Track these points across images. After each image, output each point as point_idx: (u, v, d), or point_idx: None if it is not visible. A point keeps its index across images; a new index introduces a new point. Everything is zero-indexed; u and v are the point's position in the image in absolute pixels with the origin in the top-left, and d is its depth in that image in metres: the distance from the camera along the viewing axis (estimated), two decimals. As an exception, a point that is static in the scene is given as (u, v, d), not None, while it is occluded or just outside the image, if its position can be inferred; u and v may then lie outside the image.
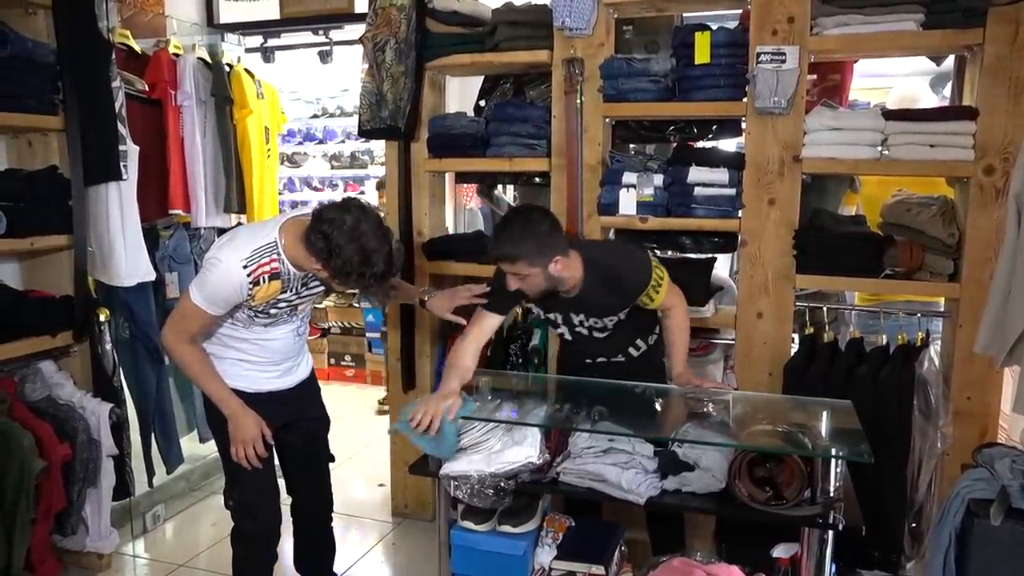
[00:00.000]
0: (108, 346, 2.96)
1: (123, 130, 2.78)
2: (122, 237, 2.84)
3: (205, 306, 2.06)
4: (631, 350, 2.44)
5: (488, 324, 2.33)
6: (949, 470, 2.53)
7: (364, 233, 1.94)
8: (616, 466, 2.02)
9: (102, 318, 2.91)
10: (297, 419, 2.35)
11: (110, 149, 2.74)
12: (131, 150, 2.83)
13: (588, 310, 2.34)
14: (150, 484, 3.30)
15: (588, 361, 2.47)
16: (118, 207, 2.81)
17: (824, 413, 2.16)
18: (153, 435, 3.30)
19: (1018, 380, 1.78)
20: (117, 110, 2.75)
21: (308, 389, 2.40)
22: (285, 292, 2.11)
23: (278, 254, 2.05)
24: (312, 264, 2.02)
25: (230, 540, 2.34)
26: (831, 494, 1.84)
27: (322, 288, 2.21)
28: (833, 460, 1.84)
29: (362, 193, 6.63)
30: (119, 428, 2.81)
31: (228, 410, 2.16)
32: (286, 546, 2.50)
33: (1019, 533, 1.85)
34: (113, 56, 2.76)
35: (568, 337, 2.44)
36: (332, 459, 2.51)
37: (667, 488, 2.01)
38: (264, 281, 2.04)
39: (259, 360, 2.23)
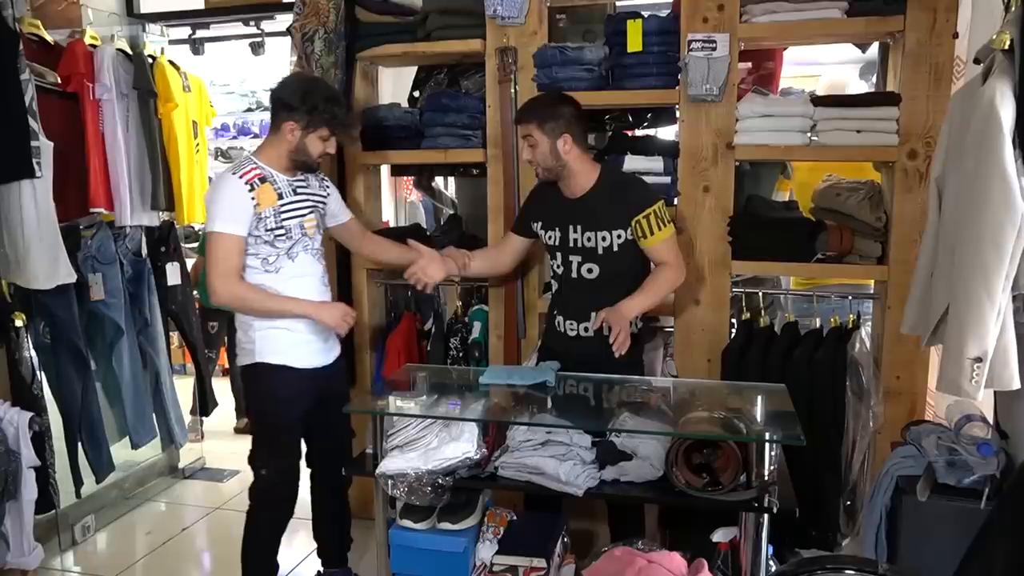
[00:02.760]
0: (27, 352, 2.82)
1: (35, 125, 2.63)
2: (38, 238, 2.69)
3: (226, 228, 2.21)
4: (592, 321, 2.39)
5: (509, 242, 2.63)
6: (881, 448, 2.59)
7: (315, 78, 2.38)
8: (554, 458, 2.01)
9: (19, 323, 2.77)
10: (328, 395, 2.45)
11: (21, 145, 2.58)
12: (44, 146, 2.68)
13: (588, 220, 2.35)
14: (78, 494, 3.15)
15: (561, 331, 2.44)
16: (32, 206, 2.66)
17: (759, 398, 2.19)
18: (80, 443, 3.15)
19: (941, 358, 1.82)
20: (27, 104, 2.60)
21: (339, 368, 2.55)
22: (282, 198, 2.28)
23: (255, 163, 2.30)
24: (286, 136, 2.26)
25: (254, 503, 2.44)
26: (766, 478, 1.86)
27: (315, 195, 2.39)
28: (767, 444, 1.86)
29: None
30: (40, 438, 2.68)
31: (308, 312, 2.31)
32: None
33: (944, 508, 1.90)
34: (21, 47, 2.60)
35: (558, 270, 2.44)
36: (353, 434, 2.62)
37: (605, 479, 2.01)
38: (257, 184, 2.24)
39: (300, 328, 2.34)
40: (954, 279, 1.76)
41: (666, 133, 3.38)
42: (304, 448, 2.55)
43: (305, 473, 2.56)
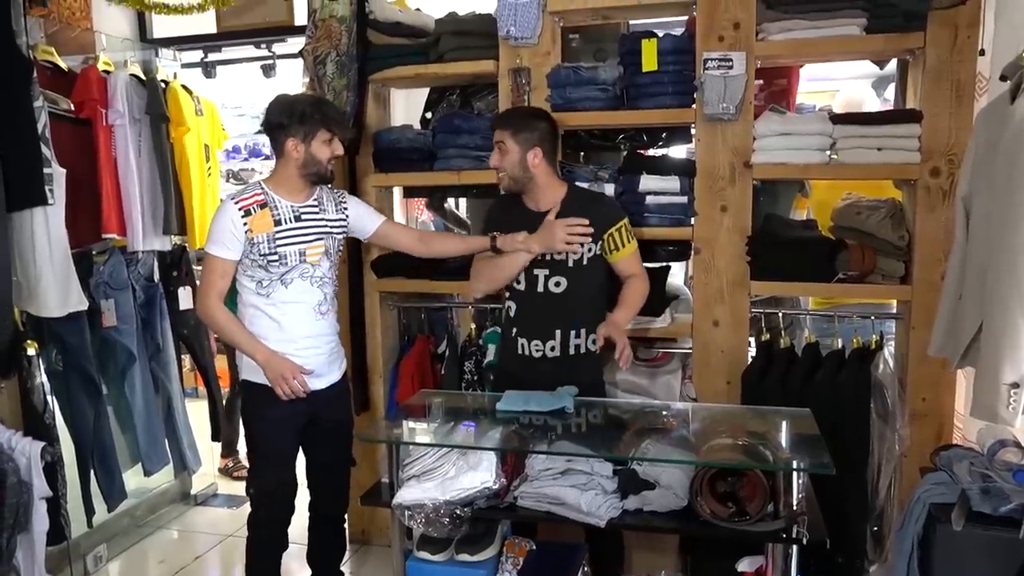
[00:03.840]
0: (39, 381, 2.79)
1: (47, 152, 2.63)
2: (50, 265, 2.68)
3: (216, 251, 2.28)
4: (572, 338, 2.36)
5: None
6: (908, 472, 2.53)
7: (293, 94, 2.41)
8: (575, 488, 1.96)
9: (31, 352, 2.74)
10: (323, 419, 2.44)
11: (33, 173, 2.58)
12: (57, 173, 2.67)
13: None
14: (89, 524, 3.12)
15: (524, 354, 2.40)
16: (45, 233, 2.65)
17: (784, 423, 2.13)
18: (92, 471, 3.12)
19: (973, 383, 1.77)
20: (40, 131, 2.60)
21: (337, 391, 2.50)
22: (280, 224, 2.29)
23: (261, 188, 2.34)
24: (292, 154, 2.29)
25: (247, 524, 2.47)
26: (794, 507, 1.81)
27: (330, 221, 2.39)
28: (795, 473, 1.80)
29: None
30: (52, 468, 2.64)
31: (261, 357, 2.31)
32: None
33: (981, 537, 1.83)
34: (35, 74, 2.61)
35: (518, 286, 2.41)
36: (353, 463, 2.62)
37: (628, 508, 1.95)
38: (255, 210, 2.28)
39: (285, 352, 2.32)
40: (988, 301, 1.71)
41: (679, 151, 3.36)
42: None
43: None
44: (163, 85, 3.36)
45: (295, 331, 2.34)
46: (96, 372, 3.10)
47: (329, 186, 2.48)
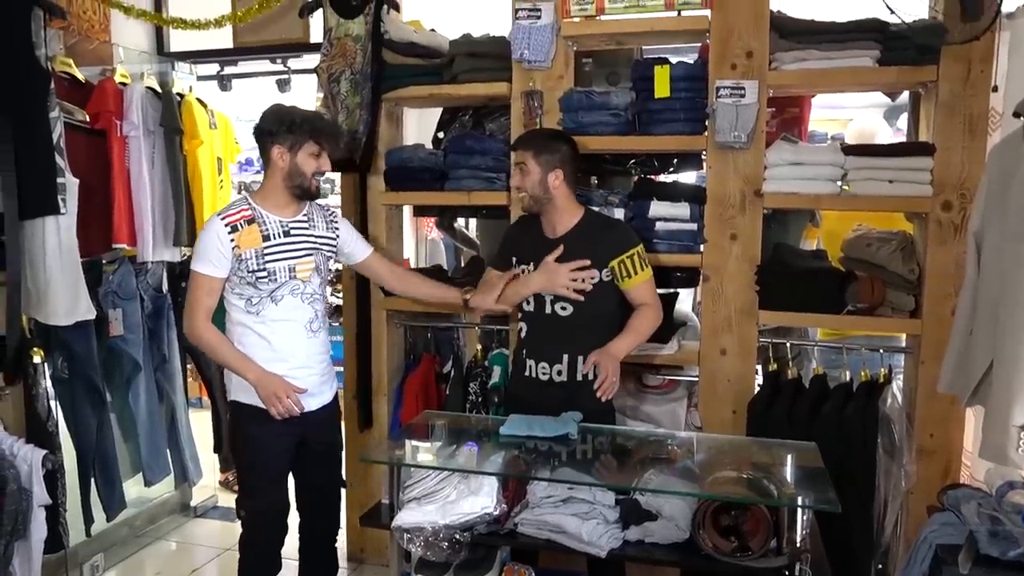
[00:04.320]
0: (43, 388, 2.80)
1: (61, 162, 2.65)
2: (60, 274, 2.68)
3: (202, 268, 2.23)
4: (580, 363, 2.33)
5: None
6: (914, 509, 2.50)
7: (287, 105, 2.33)
8: (576, 516, 1.94)
9: (37, 359, 2.75)
10: (314, 440, 2.40)
11: (47, 182, 2.60)
12: (70, 183, 2.69)
13: (566, 257, 2.33)
14: (88, 533, 3.11)
15: (532, 376, 2.39)
16: (56, 242, 2.66)
17: (789, 457, 2.11)
18: (93, 479, 3.12)
19: (983, 423, 1.74)
20: (55, 141, 2.62)
21: (328, 413, 2.46)
22: (268, 240, 2.25)
23: (248, 203, 2.29)
24: (277, 163, 2.25)
25: (239, 545, 2.42)
26: (798, 544, 1.78)
27: (319, 237, 2.35)
28: (800, 509, 1.78)
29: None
30: (53, 476, 2.63)
31: (252, 376, 2.25)
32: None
33: (988, 580, 1.80)
34: (52, 86, 2.63)
35: (528, 307, 2.40)
36: (344, 484, 2.59)
37: (629, 539, 1.93)
38: (242, 226, 2.23)
39: (275, 372, 2.27)
40: (999, 340, 1.69)
41: (688, 177, 3.35)
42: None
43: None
44: (178, 98, 3.39)
45: (287, 350, 2.30)
46: (101, 381, 3.10)
47: (319, 203, 2.45)
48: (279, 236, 2.28)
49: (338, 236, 2.45)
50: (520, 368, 2.46)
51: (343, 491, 2.66)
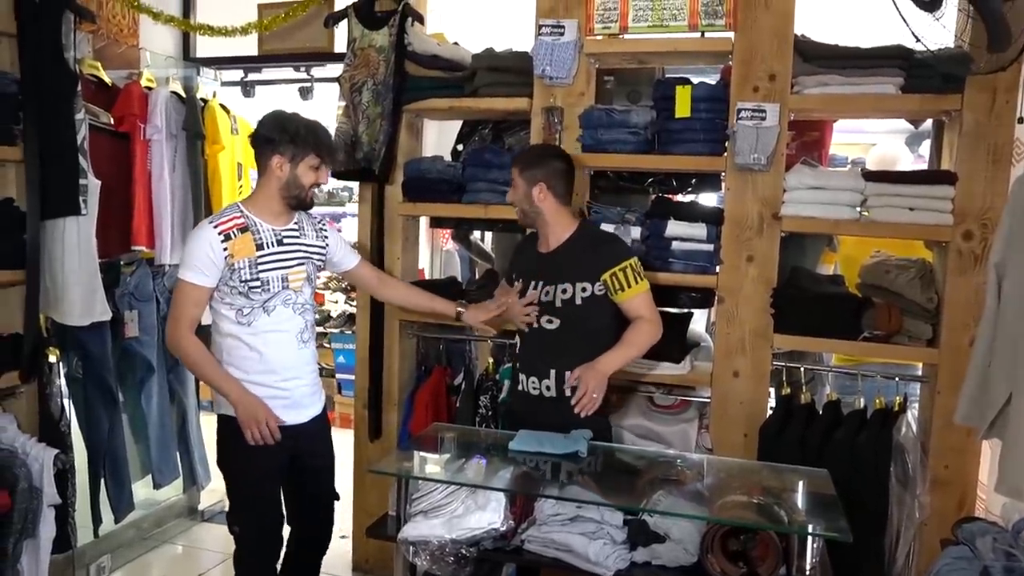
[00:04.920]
0: (57, 387, 2.82)
1: (84, 164, 2.68)
2: (77, 274, 2.72)
3: (191, 277, 2.13)
4: (567, 378, 2.29)
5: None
6: (927, 541, 2.46)
7: (289, 112, 2.27)
8: (583, 535, 1.93)
9: (52, 358, 2.77)
10: (306, 455, 2.33)
11: (69, 183, 2.63)
12: (92, 184, 2.72)
13: (549, 273, 2.33)
14: (95, 533, 3.12)
15: (524, 391, 2.37)
16: (75, 243, 2.69)
17: (801, 483, 2.08)
18: (103, 480, 3.13)
19: (999, 457, 1.72)
20: (79, 143, 2.66)
21: (318, 426, 2.39)
22: (262, 249, 2.17)
23: (240, 211, 2.21)
24: (275, 172, 2.18)
25: (232, 562, 2.36)
26: (807, 572, 1.76)
27: (310, 246, 2.29)
28: (810, 536, 1.76)
29: (339, 231, 6.54)
30: (64, 475, 2.65)
31: (233, 395, 2.17)
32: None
33: (1001, 618, 1.77)
34: (79, 88, 2.67)
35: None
36: (337, 498, 2.50)
37: (636, 560, 1.92)
38: (235, 235, 2.15)
39: (266, 383, 2.21)
40: (1019, 373, 1.67)
41: (707, 198, 3.35)
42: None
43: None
44: (202, 103, 3.43)
45: (277, 361, 2.21)
46: (114, 382, 3.12)
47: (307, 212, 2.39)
48: (273, 245, 2.20)
49: (327, 245, 2.38)
50: (515, 383, 2.46)
51: (335, 504, 2.55)
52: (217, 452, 2.34)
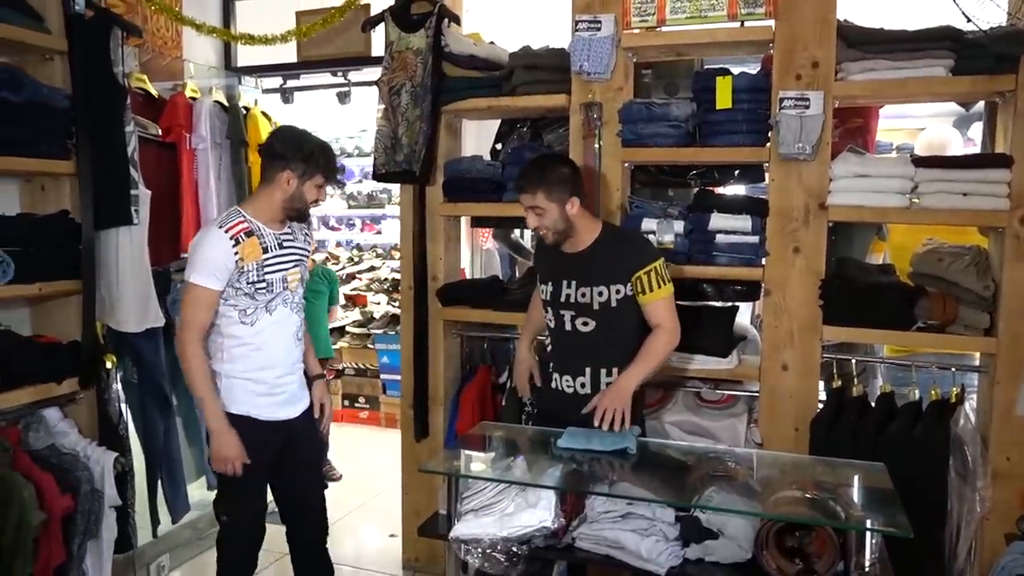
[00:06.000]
0: (114, 393, 2.90)
1: (135, 175, 2.75)
2: (131, 282, 2.79)
3: (203, 281, 2.19)
4: (603, 376, 2.32)
5: (537, 300, 2.54)
6: (989, 535, 2.40)
7: (303, 130, 2.35)
8: (635, 532, 1.91)
9: (109, 364, 2.85)
10: (296, 446, 2.42)
11: (121, 194, 2.70)
12: (143, 195, 2.80)
13: (583, 275, 2.32)
14: (154, 534, 3.21)
15: (558, 389, 2.38)
16: (128, 252, 2.77)
17: (856, 478, 2.04)
18: (160, 482, 3.22)
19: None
20: (130, 155, 2.73)
21: (307, 418, 2.48)
22: (267, 252, 2.26)
23: (243, 216, 2.26)
24: (282, 185, 2.24)
25: (216, 544, 2.43)
26: (867, 569, 1.73)
27: (301, 249, 2.37)
28: (869, 532, 1.72)
29: (379, 233, 6.63)
30: (123, 478, 2.73)
31: (214, 425, 2.24)
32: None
33: (1072, 614, 1.72)
34: (128, 101, 2.74)
35: (551, 324, 2.42)
36: (326, 486, 2.61)
37: (689, 557, 1.90)
38: (242, 239, 2.22)
39: (264, 380, 2.30)
40: (1084, 363, 1.61)
41: (754, 190, 3.29)
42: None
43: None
44: (244, 111, 3.49)
45: (276, 358, 2.32)
46: (168, 386, 3.20)
47: None
48: (275, 248, 2.29)
49: (310, 248, 2.48)
50: (547, 380, 2.47)
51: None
52: (209, 441, 2.37)
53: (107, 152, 2.67)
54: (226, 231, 2.21)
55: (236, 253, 2.20)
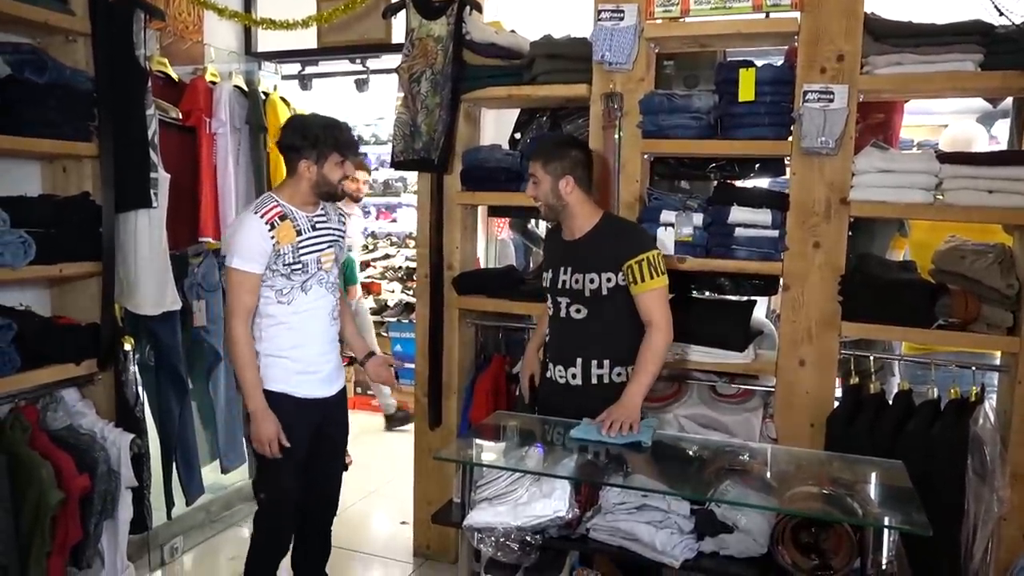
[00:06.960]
0: (132, 375, 2.92)
1: (155, 158, 2.76)
2: (150, 265, 2.81)
3: (243, 265, 2.29)
4: (594, 367, 2.33)
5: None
6: (1006, 537, 2.38)
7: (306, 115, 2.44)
8: (650, 524, 1.92)
9: (127, 347, 2.87)
10: (327, 425, 2.51)
11: (141, 176, 2.71)
12: (162, 178, 2.80)
13: (578, 262, 2.34)
14: (168, 516, 3.24)
15: (552, 379, 2.41)
16: (147, 235, 2.78)
17: (874, 474, 2.03)
18: (175, 465, 3.24)
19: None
20: (150, 138, 2.73)
21: (340, 398, 2.58)
22: (300, 234, 2.34)
23: (276, 200, 2.35)
24: (304, 174, 2.33)
25: (252, 524, 2.53)
26: (883, 567, 1.72)
27: (336, 230, 2.46)
28: (886, 530, 1.71)
29: (394, 221, 6.63)
30: (139, 459, 2.75)
31: (253, 406, 2.33)
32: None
33: (1091, 617, 1.70)
34: (149, 84, 2.74)
35: (550, 311, 2.45)
36: (346, 467, 2.72)
37: (704, 551, 1.90)
38: (277, 223, 2.30)
39: (301, 358, 2.39)
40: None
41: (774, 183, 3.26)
42: None
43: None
44: (263, 96, 3.49)
45: (313, 336, 2.41)
46: (184, 370, 3.22)
47: None
48: (309, 230, 2.37)
49: (345, 229, 2.56)
50: (545, 371, 2.49)
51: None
52: (247, 422, 2.45)
53: (128, 135, 2.68)
54: (261, 216, 2.30)
55: (272, 236, 2.29)
